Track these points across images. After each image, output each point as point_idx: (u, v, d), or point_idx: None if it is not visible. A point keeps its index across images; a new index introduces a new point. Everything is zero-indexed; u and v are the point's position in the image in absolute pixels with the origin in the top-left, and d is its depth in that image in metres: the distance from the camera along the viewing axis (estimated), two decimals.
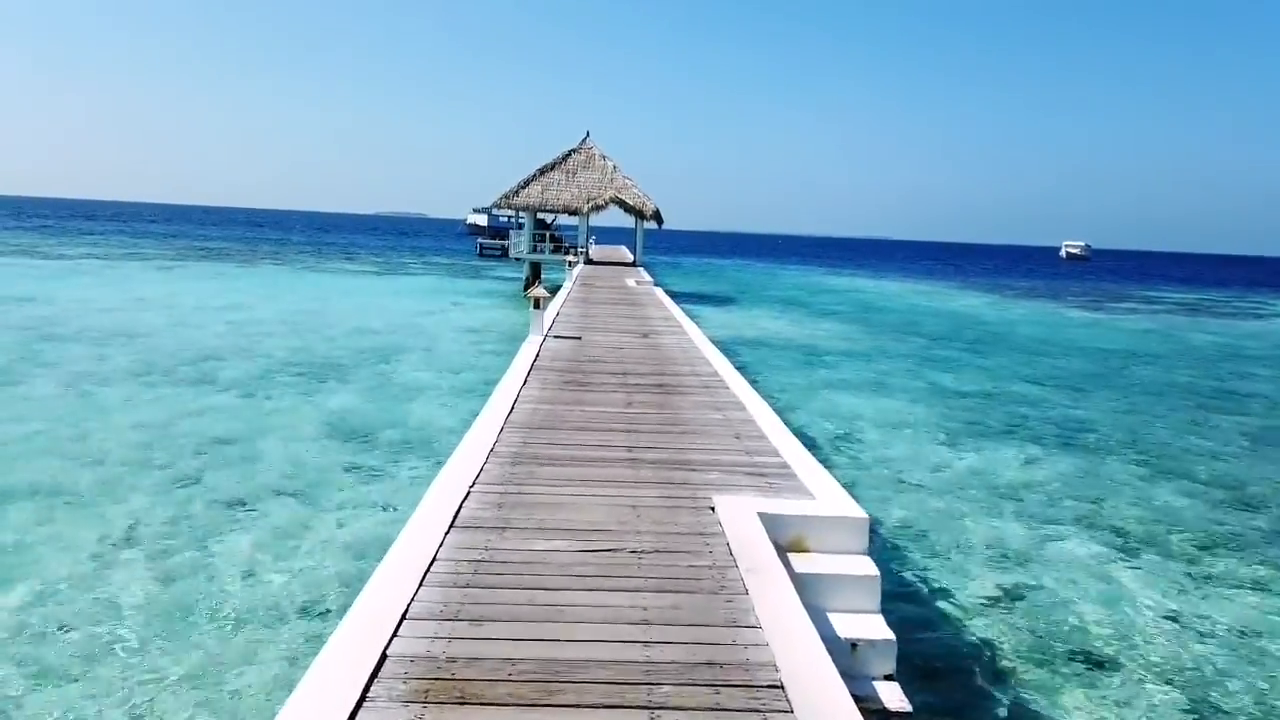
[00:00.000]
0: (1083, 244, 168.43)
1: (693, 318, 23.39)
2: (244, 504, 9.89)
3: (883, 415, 16.34)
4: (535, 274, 42.82)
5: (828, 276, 72.62)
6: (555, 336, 14.18)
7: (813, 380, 19.89)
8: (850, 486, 6.65)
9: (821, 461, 7.07)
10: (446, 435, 12.88)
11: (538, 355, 12.14)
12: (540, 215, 43.81)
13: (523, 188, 39.79)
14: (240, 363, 18.68)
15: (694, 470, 6.66)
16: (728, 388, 10.23)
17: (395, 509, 9.89)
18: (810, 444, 10.81)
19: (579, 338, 14.24)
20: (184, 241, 77.71)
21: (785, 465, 6.87)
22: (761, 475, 6.58)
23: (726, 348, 19.71)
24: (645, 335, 14.91)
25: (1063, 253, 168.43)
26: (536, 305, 13.91)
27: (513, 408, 8.59)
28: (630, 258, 45.91)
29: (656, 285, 28.26)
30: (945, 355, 25.58)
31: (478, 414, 8.36)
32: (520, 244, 41.10)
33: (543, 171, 40.45)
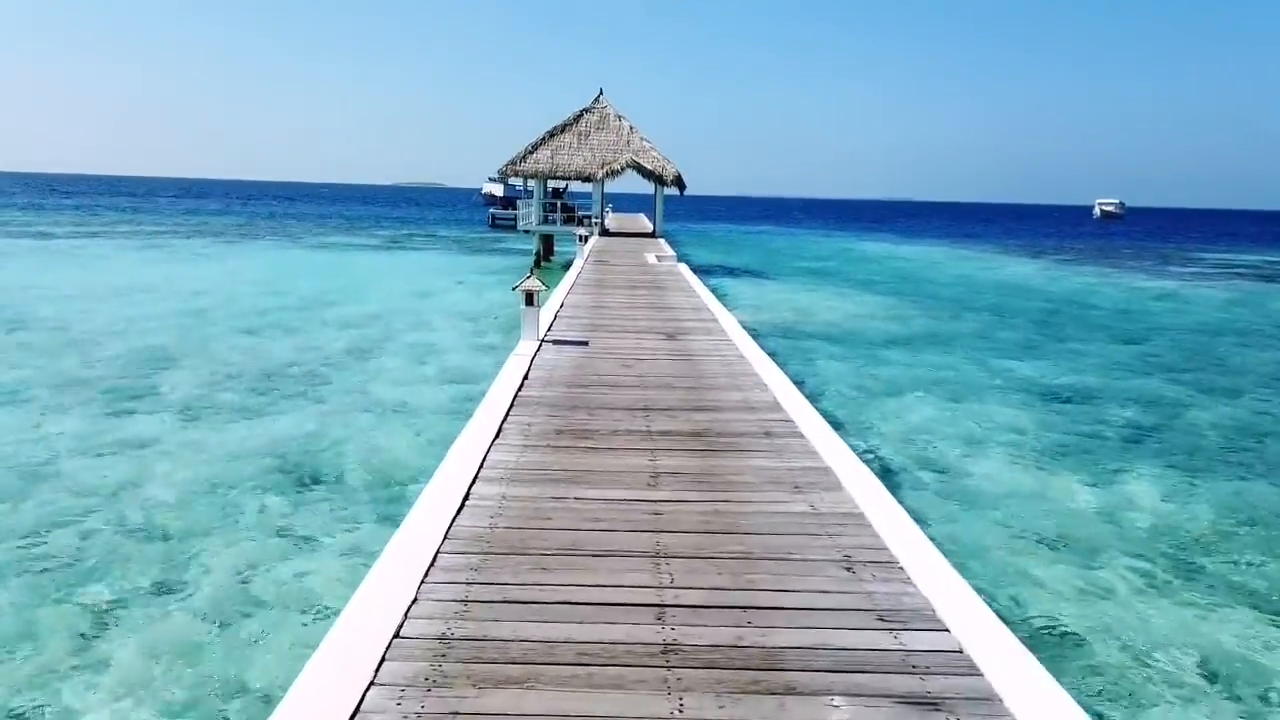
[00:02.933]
0: (1117, 201, 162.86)
1: (720, 296, 20.04)
2: (113, 611, 6.72)
3: (969, 430, 12.95)
4: (547, 247, 39.46)
5: (858, 242, 68.62)
6: (555, 341, 10.88)
7: (867, 377, 16.49)
8: (964, 567, 3.43)
9: (911, 514, 3.85)
10: (414, 482, 9.66)
11: (527, 376, 8.85)
12: (551, 183, 40.34)
13: (530, 153, 36.29)
14: (182, 368, 15.53)
15: (783, 667, 3.38)
16: (802, 436, 6.89)
17: (322, 611, 6.70)
18: (884, 479, 7.52)
19: (586, 342, 10.93)
20: (183, 217, 74.81)
21: (958, 652, 3.57)
22: (921, 681, 3.28)
23: (760, 335, 16.34)
24: (672, 337, 11.58)
25: (1096, 211, 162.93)
26: (529, 301, 10.61)
27: (465, 500, 5.31)
28: (649, 227, 42.41)
29: (680, 261, 24.86)
30: (1016, 338, 22.04)
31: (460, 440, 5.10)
32: (529, 215, 37.64)
33: (552, 134, 36.91)
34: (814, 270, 41.30)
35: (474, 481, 5.60)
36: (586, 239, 25.79)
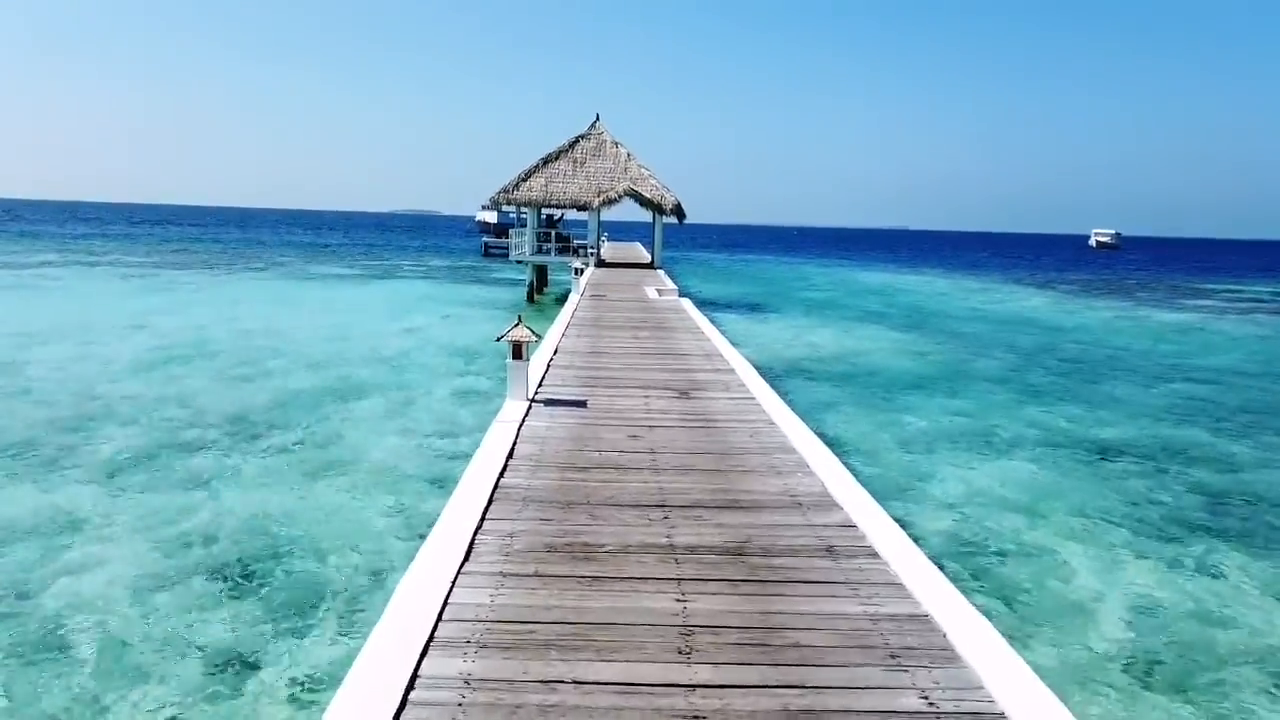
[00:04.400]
0: (1113, 232, 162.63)
1: (724, 331, 18.39)
2: None
3: (1014, 496, 11.23)
4: (541, 278, 37.82)
5: (860, 272, 67.21)
6: (547, 401, 9.14)
7: (889, 427, 14.78)
8: None
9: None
10: (374, 593, 7.87)
11: (512, 453, 7.10)
12: (545, 211, 38.76)
13: (524, 180, 34.73)
14: (119, 420, 13.74)
15: None
16: (876, 555, 5.14)
17: None
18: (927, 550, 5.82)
19: (584, 401, 9.19)
20: (165, 244, 73.11)
21: None
22: None
23: (771, 375, 14.65)
24: (685, 394, 9.84)
25: (1092, 241, 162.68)
26: (516, 354, 8.88)
27: (404, 702, 3.51)
28: (647, 257, 40.86)
29: (682, 295, 23.22)
30: (1047, 382, 20.36)
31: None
32: (522, 244, 35.99)
33: (546, 161, 35.37)
34: (819, 302, 39.71)
35: (425, 652, 3.82)
36: (582, 271, 24.14)
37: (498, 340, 8.88)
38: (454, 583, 4.55)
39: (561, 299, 27.90)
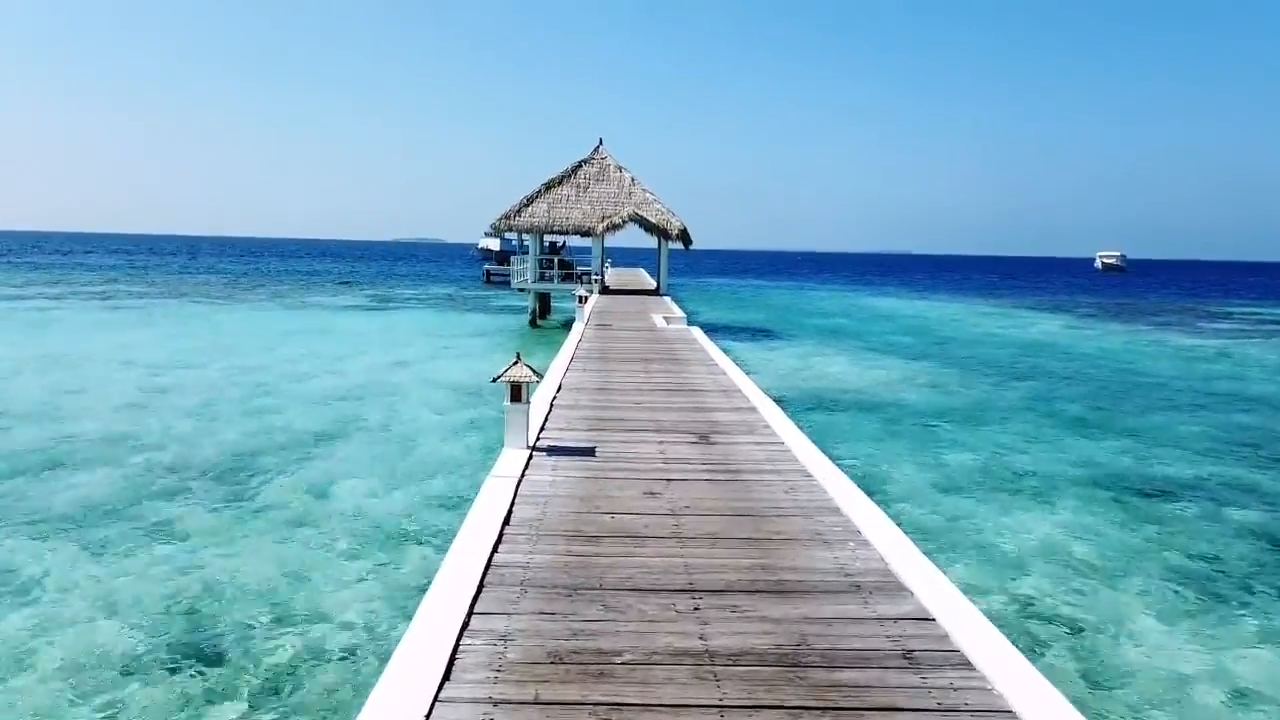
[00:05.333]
0: (1118, 254, 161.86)
1: (732, 356, 17.33)
2: None
3: (1076, 550, 10.10)
4: (544, 306, 36.89)
5: (868, 297, 66.21)
6: (550, 449, 8.05)
7: (924, 468, 13.66)
8: None
9: None
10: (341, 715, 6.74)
11: (508, 519, 6.01)
12: (548, 238, 37.93)
13: (526, 206, 33.91)
14: (80, 465, 12.68)
15: None
16: (970, 665, 4.02)
17: None
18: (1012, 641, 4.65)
19: (592, 449, 8.11)
20: (164, 275, 72.45)
21: None
22: None
23: (788, 407, 13.58)
24: (706, 439, 8.75)
25: (1097, 263, 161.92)
26: (515, 396, 7.82)
27: None
28: (652, 283, 39.92)
29: (691, 324, 22.20)
30: (1084, 413, 19.21)
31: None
32: (524, 271, 35.06)
33: (549, 187, 34.58)
34: (830, 329, 38.65)
35: None
36: (586, 299, 23.13)
37: (494, 381, 7.82)
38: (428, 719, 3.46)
39: (565, 325, 26.91)
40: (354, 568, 8.94)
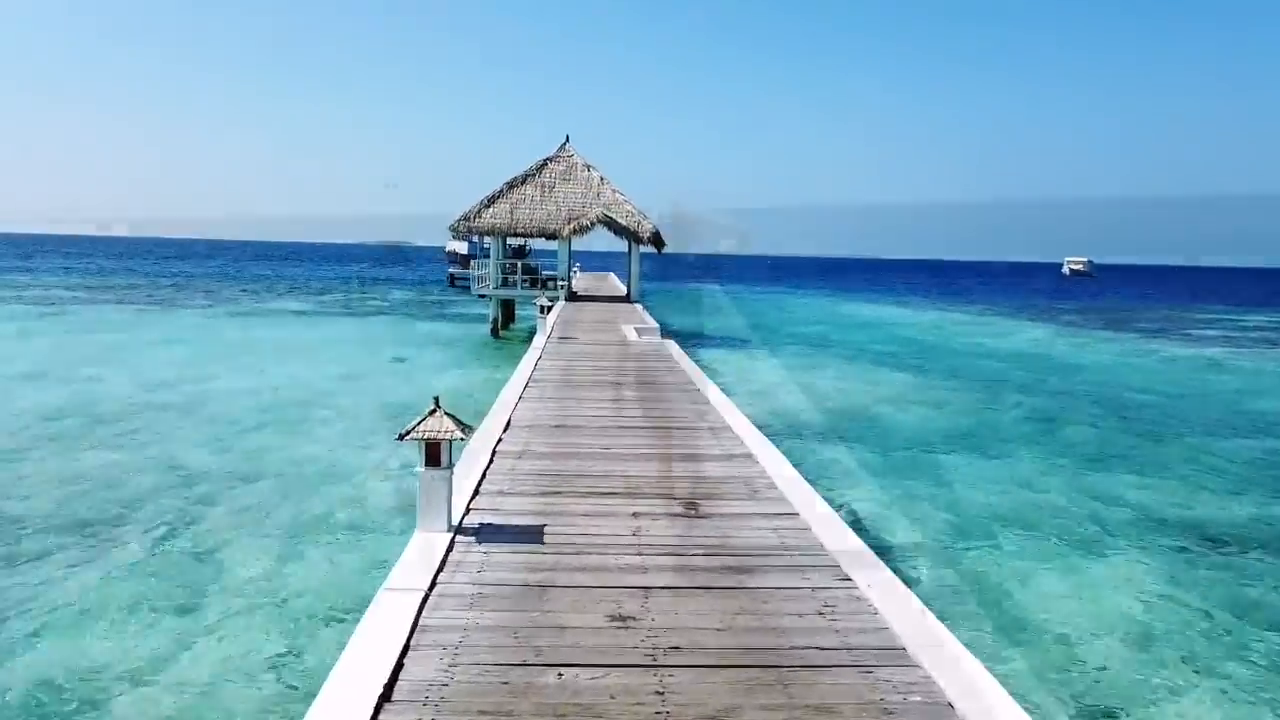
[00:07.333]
0: (1085, 259, 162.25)
1: (700, 364, 15.21)
2: None
3: (1128, 616, 8.09)
4: (507, 313, 34.56)
5: (844, 304, 64.44)
6: (478, 532, 5.84)
7: (935, 510, 11.65)
8: None
9: None
10: None
11: (389, 693, 3.78)
12: (512, 240, 35.67)
13: (487, 207, 31.60)
14: None
15: None
16: None
17: None
18: None
19: (540, 530, 5.91)
20: (87, 278, 69.01)
21: None
22: None
23: (770, 430, 11.48)
24: (693, 507, 6.58)
25: (1065, 269, 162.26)
26: (432, 459, 5.59)
27: None
28: (622, 289, 37.79)
29: (665, 336, 20.05)
30: (1090, 435, 17.36)
31: None
32: (485, 277, 32.70)
33: (512, 186, 32.29)
34: (808, 338, 36.70)
35: None
36: (548, 309, 20.90)
37: (399, 439, 5.58)
38: None
39: (529, 336, 24.67)
40: (249, 659, 6.66)
